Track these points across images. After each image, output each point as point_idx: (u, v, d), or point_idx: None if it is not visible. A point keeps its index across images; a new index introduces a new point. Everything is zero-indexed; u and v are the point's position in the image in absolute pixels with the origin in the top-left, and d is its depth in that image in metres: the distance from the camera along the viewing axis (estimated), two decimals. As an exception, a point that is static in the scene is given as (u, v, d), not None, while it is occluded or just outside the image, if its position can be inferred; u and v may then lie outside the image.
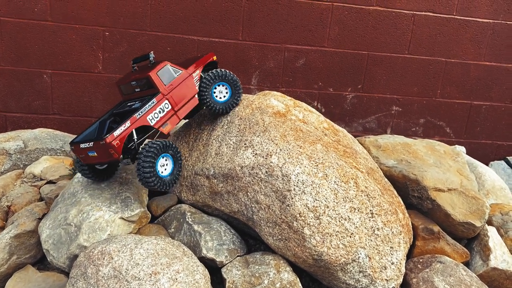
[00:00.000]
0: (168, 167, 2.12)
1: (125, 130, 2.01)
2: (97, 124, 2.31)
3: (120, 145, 1.98)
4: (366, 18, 3.91)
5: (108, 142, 1.94)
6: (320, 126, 2.35)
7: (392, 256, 1.94)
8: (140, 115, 2.07)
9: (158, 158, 2.04)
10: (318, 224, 1.86)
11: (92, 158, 2.07)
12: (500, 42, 4.12)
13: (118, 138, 1.97)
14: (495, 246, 2.19)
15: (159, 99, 2.15)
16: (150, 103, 2.11)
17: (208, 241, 2.03)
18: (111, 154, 1.97)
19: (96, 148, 2.00)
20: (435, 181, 2.31)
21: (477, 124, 4.37)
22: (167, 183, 2.09)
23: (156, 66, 2.18)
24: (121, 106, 2.37)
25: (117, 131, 1.98)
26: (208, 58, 2.40)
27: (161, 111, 2.15)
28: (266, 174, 1.97)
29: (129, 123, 2.02)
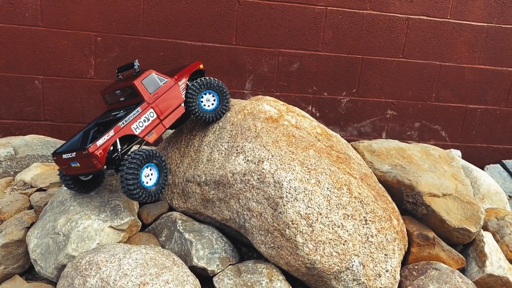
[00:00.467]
0: (153, 177, 2.08)
1: (109, 139, 1.96)
2: (80, 134, 2.26)
3: (104, 154, 1.92)
4: (360, 22, 3.90)
5: (91, 152, 1.89)
6: (313, 132, 2.32)
7: (386, 263, 1.91)
8: (124, 124, 2.03)
9: (142, 169, 1.99)
10: (311, 232, 1.83)
11: (75, 169, 2.01)
12: (494, 46, 4.11)
13: (101, 148, 1.92)
14: (491, 252, 2.16)
15: (144, 107, 2.11)
16: (135, 112, 2.07)
17: (199, 249, 1.99)
18: (94, 164, 1.92)
19: (79, 158, 1.94)
20: (429, 186, 2.28)
21: (472, 127, 4.35)
22: (152, 193, 2.05)
23: (141, 75, 2.15)
24: (105, 115, 2.33)
25: (100, 141, 1.93)
26: (194, 67, 2.38)
27: (146, 120, 2.11)
28: (258, 181, 1.94)
29: (112, 132, 1.98)
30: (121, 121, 2.02)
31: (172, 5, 3.58)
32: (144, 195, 2.01)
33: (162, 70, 3.68)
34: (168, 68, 3.38)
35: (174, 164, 2.38)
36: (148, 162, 2.03)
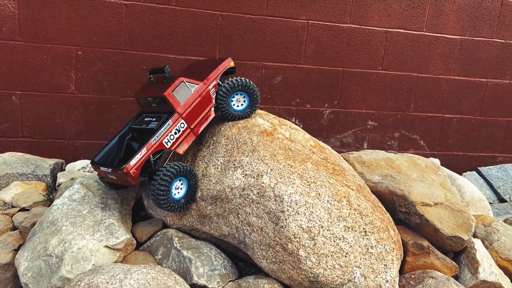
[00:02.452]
0: (182, 189, 2.14)
1: (142, 158, 2.03)
2: (116, 139, 2.33)
3: (137, 173, 2.02)
4: (340, 35, 3.98)
5: (126, 172, 1.98)
6: (307, 144, 2.33)
7: (386, 274, 1.93)
8: (156, 140, 2.07)
9: (174, 181, 2.07)
10: (313, 245, 1.83)
11: (112, 179, 2.14)
12: (467, 57, 4.28)
13: (135, 167, 2.01)
14: (483, 258, 2.22)
15: (174, 120, 2.13)
16: (166, 126, 2.10)
17: (199, 267, 1.96)
18: (130, 181, 2.02)
19: (116, 174, 2.05)
20: (421, 196, 2.33)
21: (449, 136, 4.49)
22: (179, 205, 2.13)
23: (172, 84, 2.14)
24: (139, 119, 2.36)
25: (134, 160, 2.00)
26: (225, 66, 2.34)
27: (177, 132, 2.14)
28: (258, 195, 1.93)
29: (145, 150, 2.04)
30: (153, 137, 2.06)
31: (154, 19, 3.55)
32: (171, 205, 2.10)
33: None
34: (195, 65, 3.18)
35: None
36: (180, 176, 2.10)
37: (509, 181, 4.48)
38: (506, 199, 4.32)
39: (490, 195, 4.41)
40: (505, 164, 4.66)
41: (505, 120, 4.56)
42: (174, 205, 2.11)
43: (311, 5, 3.82)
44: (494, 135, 4.57)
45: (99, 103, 3.59)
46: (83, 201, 2.21)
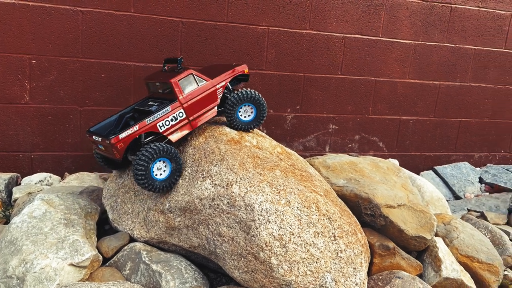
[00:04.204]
0: (166, 171, 2.13)
1: (131, 134, 2.07)
2: (117, 116, 2.39)
3: (124, 147, 2.06)
4: (300, 41, 4.04)
5: (112, 143, 2.03)
6: (274, 151, 2.35)
7: (355, 277, 1.97)
8: (150, 121, 2.12)
9: (154, 162, 2.06)
10: (284, 253, 1.84)
11: (101, 150, 2.19)
12: (421, 61, 4.46)
13: (122, 141, 2.05)
14: (444, 256, 2.31)
15: (174, 107, 2.18)
16: (164, 110, 2.15)
17: (170, 280, 1.92)
18: (115, 153, 2.06)
19: (103, 144, 2.10)
20: (385, 198, 2.40)
21: (406, 137, 4.66)
22: (161, 186, 2.12)
23: (181, 74, 2.21)
24: (144, 102, 2.42)
25: (123, 134, 2.06)
26: (239, 71, 2.40)
27: (173, 119, 2.18)
28: (228, 205, 1.92)
29: (137, 128, 2.09)
30: (148, 118, 2.11)
31: (112, 26, 3.46)
32: (153, 186, 2.09)
33: (109, 91, 3.54)
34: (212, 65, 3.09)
35: (132, 192, 2.28)
36: (161, 157, 2.08)
37: (463, 178, 4.71)
38: (460, 196, 4.53)
39: (446, 192, 4.60)
40: (459, 163, 4.89)
41: (457, 121, 4.79)
42: (155, 185, 2.09)
43: (271, 11, 3.86)
44: (447, 135, 4.79)
45: (56, 113, 3.46)
46: (44, 217, 2.11)
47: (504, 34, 4.67)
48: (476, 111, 4.81)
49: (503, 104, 4.87)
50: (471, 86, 4.72)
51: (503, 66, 4.75)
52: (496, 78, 4.76)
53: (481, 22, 4.53)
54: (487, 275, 2.36)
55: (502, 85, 4.80)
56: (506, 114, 4.93)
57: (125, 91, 3.64)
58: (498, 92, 4.82)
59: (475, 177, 4.75)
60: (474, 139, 4.91)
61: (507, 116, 4.94)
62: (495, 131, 4.95)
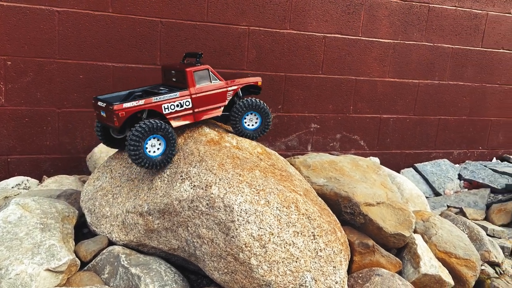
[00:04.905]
0: (161, 148, 2.14)
1: (136, 106, 2.11)
2: (126, 92, 2.41)
3: (124, 116, 2.08)
4: (281, 41, 4.05)
5: (114, 109, 2.05)
6: (254, 151, 2.34)
7: (335, 275, 1.98)
8: (157, 100, 2.16)
9: (147, 139, 2.07)
10: (264, 253, 1.83)
11: (102, 118, 2.20)
12: (400, 60, 4.51)
13: (125, 110, 2.07)
14: (423, 253, 2.35)
15: (182, 94, 2.24)
16: (172, 95, 2.21)
17: (149, 283, 1.90)
18: (114, 120, 2.07)
19: (106, 110, 2.12)
20: (365, 196, 2.42)
21: (387, 135, 4.71)
22: (156, 163, 2.12)
23: (197, 66, 2.30)
24: (156, 86, 2.47)
25: (128, 104, 2.09)
26: (252, 81, 2.50)
27: (179, 106, 2.23)
28: (207, 206, 1.91)
29: (142, 102, 2.13)
30: (155, 97, 2.16)
31: (90, 26, 3.42)
32: (147, 163, 2.10)
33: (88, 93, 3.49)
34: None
35: (110, 195, 2.25)
36: (154, 134, 2.09)
37: (443, 175, 4.78)
38: (440, 193, 4.60)
39: (426, 189, 4.67)
40: (438, 160, 4.97)
41: (436, 118, 4.86)
42: (149, 162, 2.10)
43: (251, 11, 3.86)
44: (427, 133, 4.86)
45: (33, 115, 3.39)
46: (20, 222, 2.07)
47: (480, 33, 4.76)
48: (454, 109, 4.89)
49: (480, 102, 4.97)
50: (449, 84, 4.80)
51: (480, 65, 4.84)
52: (473, 76, 4.85)
53: (458, 21, 4.61)
54: (464, 270, 2.40)
55: (479, 83, 4.90)
56: (483, 111, 5.02)
57: (104, 92, 3.58)
58: (475, 90, 4.91)
59: (454, 174, 4.84)
60: (452, 137, 4.99)
61: (484, 113, 5.04)
62: (473, 128, 5.05)
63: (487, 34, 4.79)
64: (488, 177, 4.68)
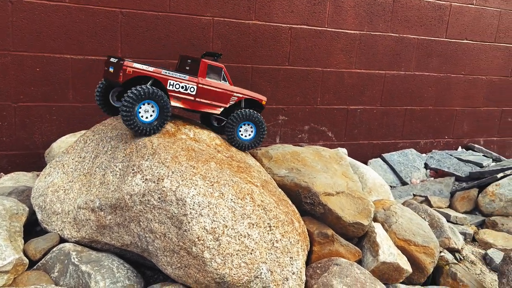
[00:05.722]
0: (153, 114, 2.16)
1: (145, 70, 2.16)
2: None
3: (130, 75, 2.11)
4: (246, 32, 4.00)
5: (124, 65, 2.10)
6: (212, 143, 2.30)
7: (292, 266, 1.97)
8: (166, 74, 2.23)
9: (139, 104, 2.09)
10: (218, 246, 1.80)
11: (109, 74, 2.23)
12: (366, 51, 4.53)
13: (133, 68, 2.12)
14: (382, 241, 2.36)
15: (191, 79, 2.31)
16: (181, 75, 2.28)
17: (99, 281, 1.84)
18: (119, 75, 2.10)
19: (115, 65, 2.16)
20: (324, 186, 2.41)
21: (354, 126, 4.73)
22: (147, 129, 2.14)
23: (214, 62, 2.39)
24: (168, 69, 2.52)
25: (138, 65, 2.14)
26: (257, 97, 2.60)
27: (183, 88, 2.29)
28: (159, 200, 1.85)
29: (152, 69, 2.18)
30: (166, 71, 2.23)
31: (46, 17, 3.29)
32: (138, 127, 2.12)
33: (45, 86, 3.37)
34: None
35: (62, 190, 2.18)
36: (147, 99, 2.11)
37: (409, 165, 4.85)
38: (407, 182, 4.67)
39: (393, 179, 4.73)
40: (405, 150, 5.03)
41: (402, 109, 4.92)
42: (139, 127, 2.11)
43: (215, 2, 3.79)
44: (394, 123, 4.91)
45: (-14, 110, 3.26)
46: (-36, 221, 1.97)
47: (444, 23, 4.82)
48: (420, 99, 4.95)
49: (445, 92, 5.05)
50: (415, 75, 4.85)
51: (445, 55, 4.91)
52: (438, 66, 4.92)
53: (423, 12, 4.66)
54: (423, 257, 2.43)
55: (444, 74, 4.97)
56: (448, 101, 5.11)
57: (62, 85, 3.48)
58: (440, 80, 4.98)
59: (420, 163, 4.91)
60: (419, 126, 5.06)
61: (449, 103, 5.12)
62: (438, 118, 5.13)
63: (451, 25, 4.86)
64: (453, 165, 4.76)
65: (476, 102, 5.26)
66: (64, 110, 3.56)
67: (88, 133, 2.32)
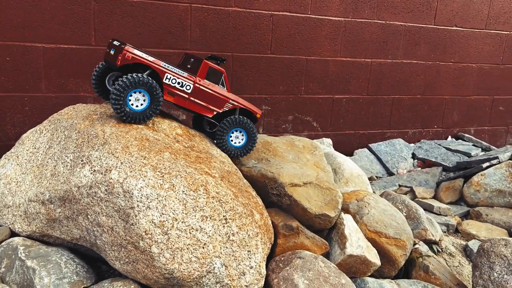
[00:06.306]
0: (144, 103, 2.14)
1: (144, 59, 2.16)
2: None
3: (129, 60, 2.11)
4: (226, 19, 3.89)
5: (124, 49, 2.10)
6: (172, 133, 2.21)
7: (250, 260, 1.89)
8: (165, 67, 2.23)
9: (130, 92, 2.07)
10: (166, 240, 1.72)
11: (109, 56, 2.23)
12: (352, 39, 4.41)
13: (133, 54, 2.13)
14: (351, 233, 2.27)
15: (189, 77, 2.30)
16: (180, 72, 2.28)
17: (44, 277, 1.76)
18: (117, 58, 2.12)
19: (117, 49, 2.16)
20: (291, 176, 2.32)
21: (340, 116, 4.63)
22: (137, 118, 2.12)
23: (216, 65, 2.40)
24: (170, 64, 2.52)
25: (138, 51, 2.14)
26: (253, 108, 2.60)
27: (180, 84, 2.28)
28: (106, 192, 1.77)
29: (151, 59, 2.18)
30: (165, 64, 2.23)
31: (16, 5, 3.19)
32: (127, 116, 2.10)
33: (16, 76, 3.28)
34: None
35: (14, 183, 2.09)
36: (139, 88, 2.09)
37: (396, 155, 4.75)
38: (394, 172, 4.57)
39: (380, 169, 4.64)
40: (393, 139, 4.93)
41: (390, 98, 4.81)
42: (128, 115, 2.09)
43: (192, -13, 3.68)
44: (381, 113, 4.81)
45: (-49, 101, 3.18)
46: None
47: (433, 10, 4.69)
48: (408, 87, 4.84)
49: (434, 80, 4.93)
50: (402, 63, 4.73)
51: (433, 43, 4.78)
52: (426, 54, 4.79)
53: (410, -2, 4.53)
54: (394, 249, 2.34)
55: (432, 62, 4.85)
56: (437, 90, 4.99)
57: (34, 75, 3.39)
58: (429, 68, 4.86)
59: (408, 153, 4.81)
60: (407, 116, 4.95)
61: (438, 92, 5.01)
62: (427, 107, 5.02)
63: (440, 12, 4.72)
64: (441, 155, 4.67)
65: (466, 90, 5.15)
66: (37, 101, 3.47)
67: (45, 123, 2.24)
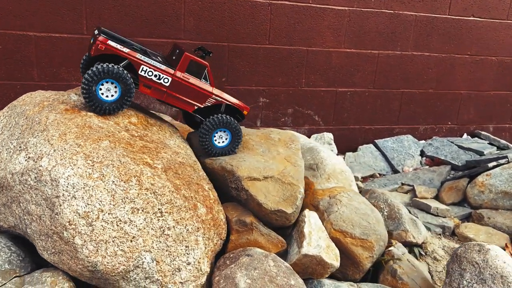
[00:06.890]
0: (116, 94, 2.10)
1: (119, 50, 2.11)
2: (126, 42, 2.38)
3: (102, 51, 2.08)
4: (221, 8, 3.79)
5: (98, 39, 2.08)
6: (124, 121, 2.14)
7: (188, 256, 1.79)
8: (141, 59, 2.16)
9: (99, 82, 2.04)
10: (91, 232, 1.65)
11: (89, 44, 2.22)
12: (357, 29, 4.20)
13: (106, 45, 2.08)
14: (311, 232, 2.13)
15: (167, 70, 2.22)
16: (158, 63, 2.21)
17: (-28, 264, 1.75)
18: (92, 49, 2.10)
19: (94, 38, 2.14)
20: (250, 170, 2.20)
21: (344, 110, 4.44)
22: (106, 108, 2.09)
23: (199, 58, 2.30)
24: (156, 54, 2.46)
25: (114, 43, 2.10)
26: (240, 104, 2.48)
27: (156, 77, 2.20)
28: (35, 180, 1.73)
29: (126, 51, 2.13)
30: (142, 56, 2.17)
31: (5, -7, 3.23)
32: (96, 106, 2.07)
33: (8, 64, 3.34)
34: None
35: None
36: (108, 78, 2.05)
37: (403, 152, 4.51)
38: (399, 170, 4.34)
39: (384, 166, 4.41)
40: (401, 136, 4.68)
41: (399, 92, 4.56)
42: (97, 105, 2.06)
43: (184, -26, 3.61)
44: (389, 107, 4.57)
45: None
46: None
47: (448, -1, 4.39)
48: (420, 81, 4.57)
49: (448, 73, 4.63)
50: (413, 55, 4.47)
51: (448, 34, 4.48)
52: (439, 46, 4.50)
53: (421, -15, 4.26)
54: (359, 251, 2.18)
55: (446, 54, 4.55)
56: (452, 84, 4.68)
57: (26, 63, 3.44)
58: (442, 61, 4.56)
59: (416, 150, 4.55)
60: (418, 111, 4.68)
61: (453, 86, 4.70)
62: (440, 102, 4.72)
63: (455, 0, 4.41)
64: (451, 153, 4.38)
65: (485, 85, 4.80)
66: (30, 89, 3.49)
67: (4, 110, 2.23)
